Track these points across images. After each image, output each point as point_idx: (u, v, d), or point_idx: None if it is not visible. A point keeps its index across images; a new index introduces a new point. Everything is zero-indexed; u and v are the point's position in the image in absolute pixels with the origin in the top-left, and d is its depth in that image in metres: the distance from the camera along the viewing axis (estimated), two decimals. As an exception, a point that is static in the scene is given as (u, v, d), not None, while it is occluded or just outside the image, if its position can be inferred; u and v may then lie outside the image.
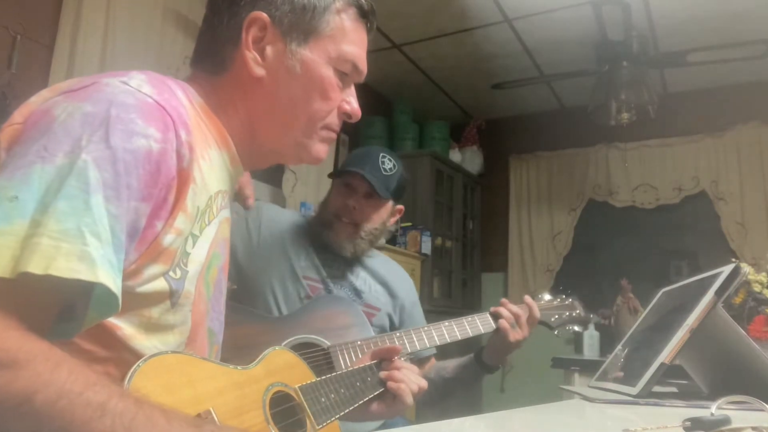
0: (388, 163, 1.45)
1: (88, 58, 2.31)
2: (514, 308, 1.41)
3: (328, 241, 1.44)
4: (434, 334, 1.35)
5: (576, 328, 1.55)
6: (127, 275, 0.63)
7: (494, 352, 1.44)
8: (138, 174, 0.61)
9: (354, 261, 1.48)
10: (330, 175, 1.54)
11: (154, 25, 2.60)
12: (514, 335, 1.38)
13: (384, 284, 1.51)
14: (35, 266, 0.52)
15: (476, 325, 1.39)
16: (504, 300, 1.44)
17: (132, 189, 0.61)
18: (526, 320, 1.40)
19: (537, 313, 1.43)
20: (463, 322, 1.38)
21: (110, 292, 0.56)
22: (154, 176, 0.63)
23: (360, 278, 1.48)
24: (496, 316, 1.40)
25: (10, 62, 2.12)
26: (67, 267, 0.53)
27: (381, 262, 1.55)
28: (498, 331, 1.38)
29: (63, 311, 0.58)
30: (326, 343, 1.28)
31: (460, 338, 1.36)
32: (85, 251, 0.55)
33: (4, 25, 2.13)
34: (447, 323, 1.37)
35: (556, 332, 1.52)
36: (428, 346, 1.35)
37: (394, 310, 1.51)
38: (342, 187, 1.45)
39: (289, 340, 1.26)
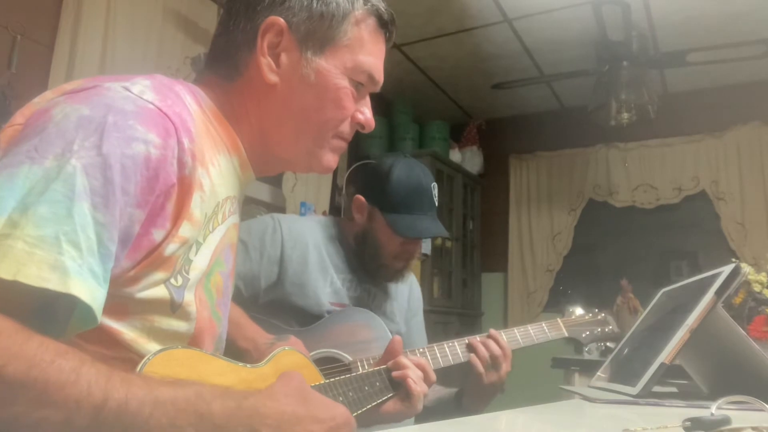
0: (436, 194, 1.42)
1: (88, 58, 2.31)
2: (493, 346, 1.26)
3: (382, 278, 1.42)
4: (448, 352, 1.29)
5: (608, 344, 1.51)
6: (126, 281, 0.62)
7: (474, 396, 1.32)
8: (136, 180, 0.60)
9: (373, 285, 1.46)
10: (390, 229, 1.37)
11: (154, 25, 2.60)
12: (489, 377, 1.26)
13: (394, 299, 1.50)
14: (5, 271, 0.51)
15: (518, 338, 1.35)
16: (492, 332, 1.30)
17: (128, 195, 0.60)
18: (499, 358, 1.27)
19: (507, 351, 1.28)
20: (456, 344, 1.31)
21: (84, 304, 0.55)
22: (152, 183, 0.62)
23: (377, 299, 1.46)
24: (471, 349, 1.28)
25: (10, 62, 2.12)
26: (37, 275, 0.52)
27: None
28: (471, 372, 1.26)
29: (41, 313, 0.56)
30: (348, 358, 1.26)
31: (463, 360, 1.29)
32: (59, 260, 0.53)
33: (4, 25, 2.13)
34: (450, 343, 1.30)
35: (586, 348, 1.50)
36: (453, 362, 1.29)
37: (401, 319, 1.50)
38: (398, 235, 1.35)
39: (311, 354, 1.23)
